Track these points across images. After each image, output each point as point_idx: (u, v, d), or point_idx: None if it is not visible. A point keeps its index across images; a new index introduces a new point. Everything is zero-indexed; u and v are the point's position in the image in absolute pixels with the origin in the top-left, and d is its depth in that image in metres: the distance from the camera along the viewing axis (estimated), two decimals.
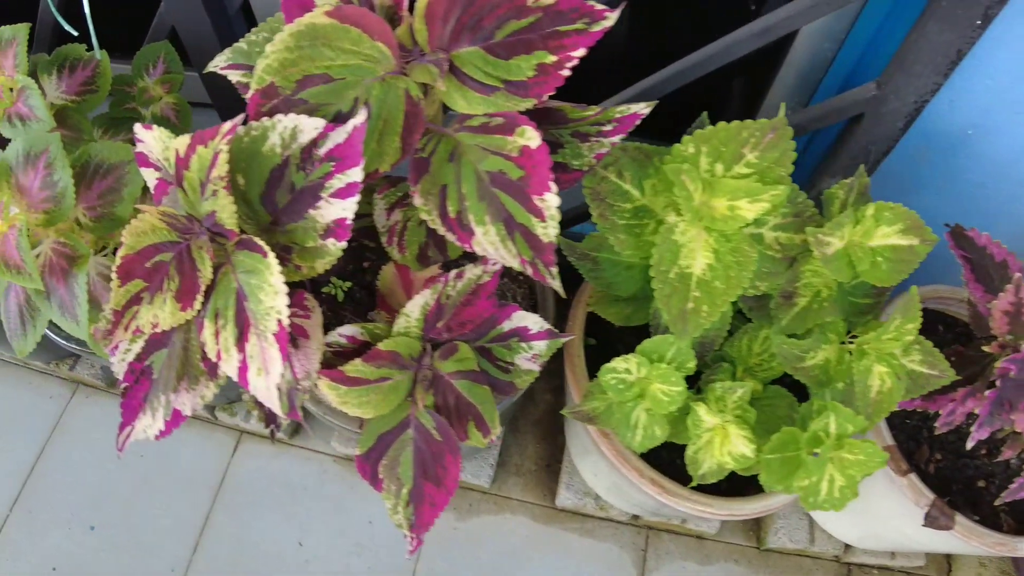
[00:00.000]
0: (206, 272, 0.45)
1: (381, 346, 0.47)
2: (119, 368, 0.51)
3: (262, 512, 0.92)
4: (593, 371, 0.69)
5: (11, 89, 0.61)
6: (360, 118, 0.42)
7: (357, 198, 0.43)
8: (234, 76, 0.54)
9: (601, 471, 0.72)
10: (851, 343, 0.58)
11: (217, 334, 0.45)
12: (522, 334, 0.55)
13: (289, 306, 0.41)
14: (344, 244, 0.44)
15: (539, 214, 0.44)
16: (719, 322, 0.56)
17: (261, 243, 0.42)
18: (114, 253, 0.61)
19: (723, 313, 0.52)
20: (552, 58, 0.43)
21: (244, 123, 0.44)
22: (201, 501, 0.92)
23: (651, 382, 0.54)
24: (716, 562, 0.89)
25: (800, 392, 0.63)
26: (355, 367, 0.46)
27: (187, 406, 0.48)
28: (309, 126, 0.42)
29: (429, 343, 0.51)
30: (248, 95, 0.44)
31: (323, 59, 0.44)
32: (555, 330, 0.55)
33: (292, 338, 0.47)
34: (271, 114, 0.44)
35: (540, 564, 0.88)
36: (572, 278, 0.61)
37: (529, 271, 0.45)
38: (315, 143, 0.43)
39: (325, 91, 0.44)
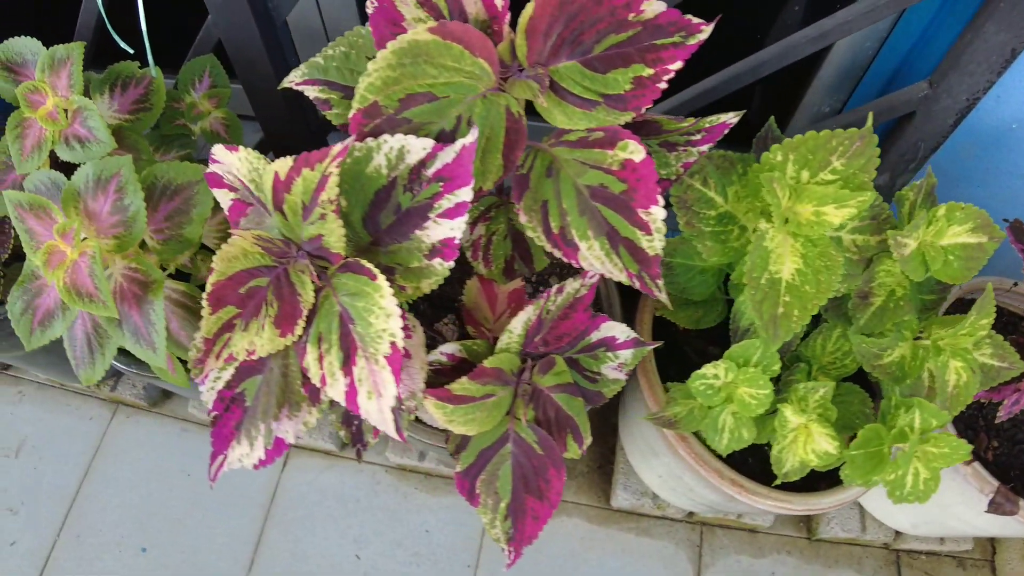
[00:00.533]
0: (307, 296, 0.45)
1: (487, 363, 0.47)
2: (208, 397, 0.50)
3: (316, 526, 0.91)
4: (661, 375, 0.69)
5: (66, 110, 0.60)
6: (471, 137, 0.41)
7: (466, 217, 0.42)
8: (311, 92, 0.53)
9: (669, 472, 0.73)
10: (919, 339, 0.60)
11: (321, 359, 0.45)
12: (609, 344, 0.55)
13: None
14: (452, 264, 0.43)
15: (645, 227, 0.45)
16: None
17: (370, 266, 0.42)
18: (172, 275, 0.60)
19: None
20: (649, 71, 0.43)
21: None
22: (253, 518, 0.91)
23: (738, 386, 0.55)
24: (769, 554, 0.91)
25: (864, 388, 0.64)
26: (462, 385, 0.46)
27: (290, 434, 0.48)
28: (417, 146, 0.42)
29: (527, 357, 0.51)
30: (350, 115, 0.44)
31: (426, 77, 0.43)
32: (641, 339, 0.55)
33: None
34: (374, 134, 0.43)
35: (598, 565, 0.89)
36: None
37: (636, 284, 0.45)
38: (423, 163, 0.42)
39: (428, 109, 0.44)
